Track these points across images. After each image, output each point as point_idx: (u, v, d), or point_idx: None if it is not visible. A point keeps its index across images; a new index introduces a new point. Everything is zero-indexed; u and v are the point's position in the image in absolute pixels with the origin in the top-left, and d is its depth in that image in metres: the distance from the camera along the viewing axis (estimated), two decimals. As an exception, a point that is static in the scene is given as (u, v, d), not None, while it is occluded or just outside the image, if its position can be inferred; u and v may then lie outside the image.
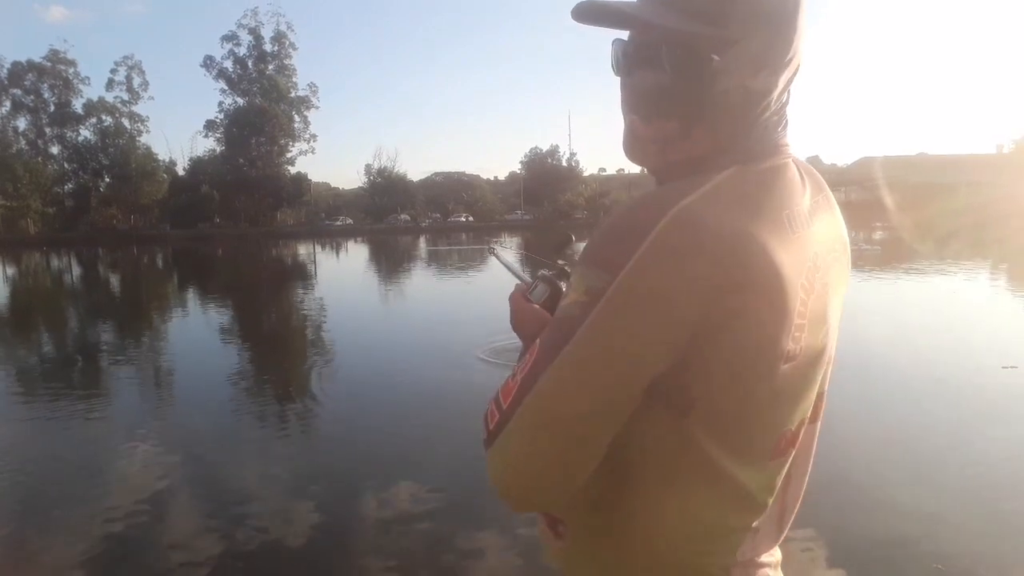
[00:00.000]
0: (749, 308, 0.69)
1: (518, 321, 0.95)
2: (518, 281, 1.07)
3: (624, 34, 0.79)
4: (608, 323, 0.68)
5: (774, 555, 0.89)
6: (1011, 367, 6.59)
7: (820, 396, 0.87)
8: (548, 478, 0.72)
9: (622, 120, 0.81)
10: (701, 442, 0.74)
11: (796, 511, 0.91)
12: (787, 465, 0.83)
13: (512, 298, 0.98)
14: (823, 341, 0.80)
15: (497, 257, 1.29)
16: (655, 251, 0.66)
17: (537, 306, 0.94)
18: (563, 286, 0.95)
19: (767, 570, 0.86)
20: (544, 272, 1.00)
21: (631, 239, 0.68)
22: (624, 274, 0.67)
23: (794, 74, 0.78)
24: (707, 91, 0.74)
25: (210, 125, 69.08)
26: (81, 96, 67.33)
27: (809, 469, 0.91)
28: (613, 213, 0.74)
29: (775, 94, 0.77)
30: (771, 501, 0.82)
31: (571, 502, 0.76)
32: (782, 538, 0.90)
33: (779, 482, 0.83)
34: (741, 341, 0.70)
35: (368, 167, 79.11)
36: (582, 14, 0.73)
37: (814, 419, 0.88)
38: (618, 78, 0.81)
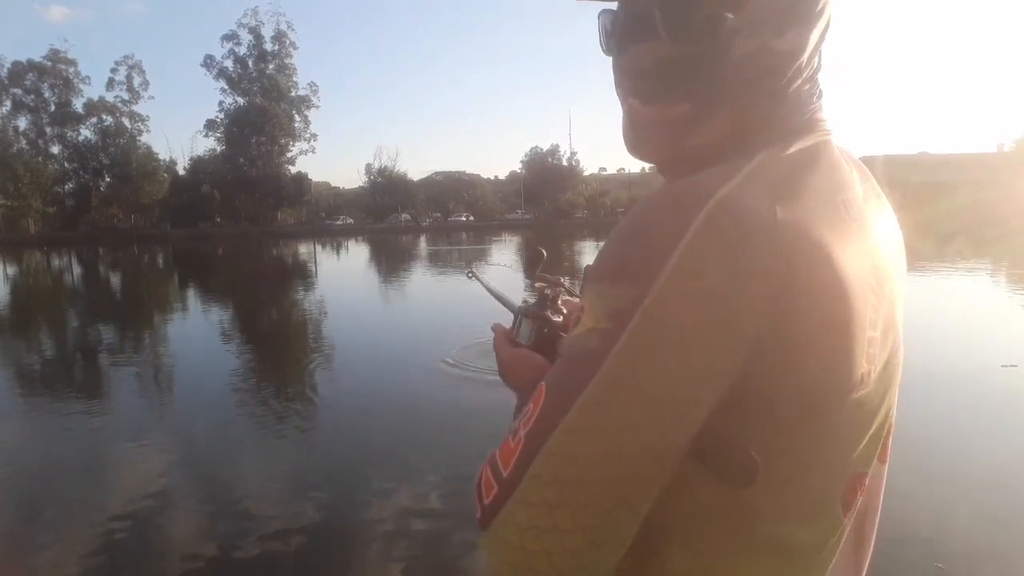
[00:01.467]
0: (819, 318, 0.54)
1: (509, 372, 0.79)
2: (504, 307, 0.94)
3: (615, 6, 0.66)
4: (647, 351, 0.52)
5: None
6: (1011, 366, 6.59)
7: (888, 429, 0.72)
8: (568, 569, 0.54)
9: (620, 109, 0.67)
10: (761, 513, 0.58)
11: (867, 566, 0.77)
12: (854, 515, 0.68)
13: (496, 345, 0.83)
14: (894, 358, 0.66)
15: (479, 280, 1.08)
16: (700, 249, 0.52)
17: (527, 349, 0.81)
18: (551, 316, 0.83)
19: None
20: (525, 304, 0.85)
21: (662, 241, 0.53)
22: (662, 284, 0.51)
23: (825, 29, 0.64)
24: (722, 59, 0.59)
25: (210, 124, 69.33)
26: (81, 95, 67.76)
27: (877, 520, 0.76)
28: (630, 213, 0.58)
29: (805, 55, 0.62)
30: (834, 561, 0.68)
31: None
32: None
33: (844, 537, 0.68)
34: (810, 365, 0.55)
35: (368, 166, 79.68)
36: None
37: (883, 458, 0.73)
38: (610, 59, 0.67)
